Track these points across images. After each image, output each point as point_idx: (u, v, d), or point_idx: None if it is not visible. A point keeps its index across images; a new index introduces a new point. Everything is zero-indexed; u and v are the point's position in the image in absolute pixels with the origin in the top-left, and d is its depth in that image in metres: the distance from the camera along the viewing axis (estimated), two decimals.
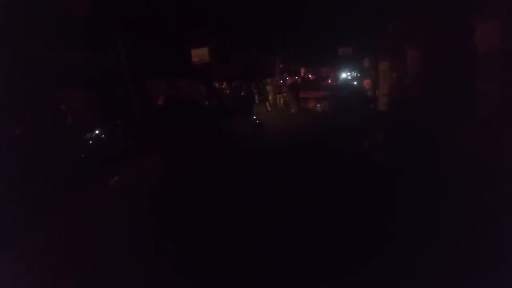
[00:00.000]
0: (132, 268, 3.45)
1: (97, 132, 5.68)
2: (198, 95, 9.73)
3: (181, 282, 3.55)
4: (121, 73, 5.55)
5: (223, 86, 13.76)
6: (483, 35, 7.13)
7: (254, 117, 10.17)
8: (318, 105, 19.50)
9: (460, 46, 7.87)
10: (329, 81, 28.14)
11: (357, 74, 26.70)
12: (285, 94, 20.37)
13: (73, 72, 4.99)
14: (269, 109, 19.99)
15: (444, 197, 4.91)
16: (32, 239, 2.89)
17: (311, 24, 20.67)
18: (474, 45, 7.40)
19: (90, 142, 5.93)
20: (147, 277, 3.48)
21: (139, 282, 3.40)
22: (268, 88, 21.78)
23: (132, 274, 3.37)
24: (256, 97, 21.22)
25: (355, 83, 25.07)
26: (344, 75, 29.78)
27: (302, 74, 29.41)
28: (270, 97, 21.19)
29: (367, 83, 19.13)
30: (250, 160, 7.63)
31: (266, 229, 4.63)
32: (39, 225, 3.69)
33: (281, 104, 20.33)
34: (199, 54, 14.21)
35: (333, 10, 17.03)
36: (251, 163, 7.40)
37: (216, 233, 4.54)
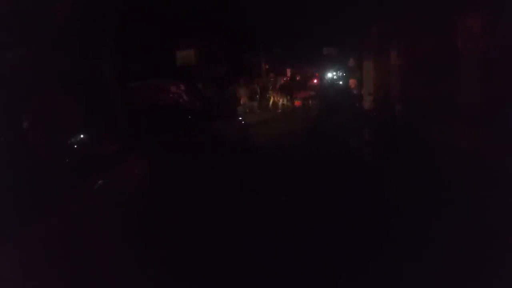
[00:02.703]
0: (121, 270, 3.43)
1: (81, 135, 5.61)
2: (183, 97, 9.67)
3: (170, 284, 3.53)
4: (106, 76, 5.49)
5: (208, 88, 13.74)
6: (466, 33, 7.24)
7: (240, 118, 10.17)
8: (304, 104, 19.60)
9: (444, 45, 7.97)
10: (315, 81, 28.22)
11: (342, 74, 26.84)
12: (274, 95, 20.49)
13: (56, 75, 4.93)
14: (258, 111, 19.97)
15: (431, 195, 4.96)
16: (16, 241, 2.84)
17: (297, 24, 20.73)
18: (458, 44, 7.50)
19: (75, 146, 5.85)
20: (136, 279, 3.45)
21: (128, 283, 3.37)
22: (257, 89, 21.79)
23: (121, 275, 3.34)
24: (241, 99, 21.20)
25: (340, 82, 25.25)
26: (329, 75, 29.92)
27: (288, 74, 29.43)
28: (257, 98, 21.19)
29: (352, 82, 19.29)
30: (236, 161, 7.62)
31: (255, 230, 4.63)
32: (23, 227, 3.63)
33: (270, 104, 20.39)
34: (185, 56, 14.13)
35: (318, 11, 17.12)
36: (237, 165, 7.39)
37: (204, 234, 4.52)
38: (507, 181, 4.70)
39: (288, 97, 20.15)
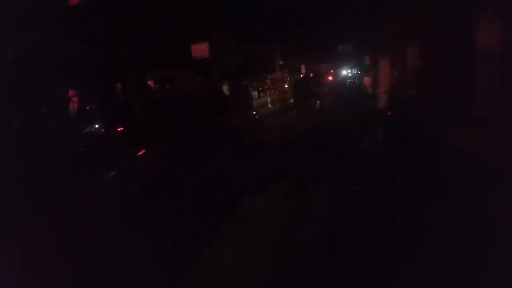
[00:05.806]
0: (128, 263, 3.46)
1: (95, 125, 5.65)
2: (198, 89, 9.70)
3: (176, 278, 3.56)
4: (120, 66, 5.53)
5: (222, 81, 13.80)
6: (484, 34, 7.12)
7: (254, 112, 10.17)
8: (318, 101, 19.56)
9: (460, 45, 7.85)
10: (330, 78, 28.13)
11: (357, 72, 26.70)
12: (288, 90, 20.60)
13: (71, 64, 4.97)
14: (269, 106, 19.98)
15: (441, 195, 4.92)
16: (25, 231, 2.87)
17: (312, 20, 20.63)
18: (475, 44, 7.39)
19: (89, 135, 5.88)
20: (144, 272, 3.48)
21: (135, 277, 3.40)
22: (270, 83, 21.85)
23: (128, 269, 3.37)
24: (256, 93, 21.25)
25: (355, 80, 25.12)
26: (344, 72, 29.81)
27: (303, 70, 29.35)
28: (271, 92, 21.26)
29: (367, 80, 19.17)
30: (249, 155, 7.64)
31: (265, 225, 4.65)
32: (33, 217, 3.68)
33: (288, 99, 20.48)
34: (200, 49, 14.18)
35: (334, 7, 16.99)
36: (250, 159, 7.41)
37: (215, 229, 4.54)
38: None
39: (303, 93, 20.22)
